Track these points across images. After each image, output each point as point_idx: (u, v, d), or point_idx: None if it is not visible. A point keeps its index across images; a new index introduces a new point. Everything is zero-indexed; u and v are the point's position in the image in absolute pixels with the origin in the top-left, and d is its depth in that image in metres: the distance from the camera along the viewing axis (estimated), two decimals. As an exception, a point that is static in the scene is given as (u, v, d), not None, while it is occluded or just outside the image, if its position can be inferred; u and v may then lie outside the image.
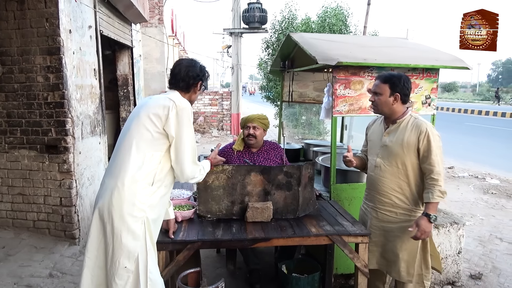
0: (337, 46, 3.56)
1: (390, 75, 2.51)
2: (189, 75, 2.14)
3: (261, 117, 3.42)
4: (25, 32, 3.72)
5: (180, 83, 2.14)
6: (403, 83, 2.45)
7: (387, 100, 2.47)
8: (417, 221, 2.40)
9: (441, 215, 3.81)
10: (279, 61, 4.69)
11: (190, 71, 2.14)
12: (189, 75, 2.13)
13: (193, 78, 2.15)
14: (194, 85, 2.17)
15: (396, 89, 2.44)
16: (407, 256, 2.55)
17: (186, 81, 2.14)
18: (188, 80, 2.14)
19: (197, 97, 2.28)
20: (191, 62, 2.21)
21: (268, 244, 2.46)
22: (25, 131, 3.90)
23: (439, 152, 2.40)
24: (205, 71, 2.23)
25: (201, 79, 2.19)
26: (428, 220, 2.37)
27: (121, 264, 1.95)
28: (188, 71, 2.14)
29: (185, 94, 2.17)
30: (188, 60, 2.24)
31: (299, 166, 2.70)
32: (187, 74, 2.13)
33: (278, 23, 11.07)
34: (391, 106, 2.48)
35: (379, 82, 2.50)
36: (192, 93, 2.20)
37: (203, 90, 2.28)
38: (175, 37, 18.02)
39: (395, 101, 2.47)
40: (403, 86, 2.45)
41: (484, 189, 6.98)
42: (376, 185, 2.62)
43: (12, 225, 4.10)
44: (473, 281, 3.76)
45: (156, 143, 2.03)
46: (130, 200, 1.96)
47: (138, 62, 7.26)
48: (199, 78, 2.17)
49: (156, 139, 2.03)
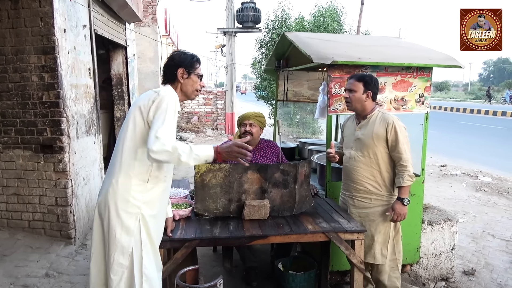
0: (332, 45, 3.59)
1: (363, 74, 2.84)
2: (168, 64, 2.14)
3: (257, 114, 3.44)
4: (19, 32, 3.70)
5: (165, 76, 2.16)
6: (374, 83, 2.77)
7: (361, 97, 2.76)
8: (393, 205, 2.74)
9: (434, 212, 3.87)
10: (274, 60, 4.71)
11: (168, 61, 2.15)
12: (168, 65, 2.14)
13: (172, 67, 2.12)
14: (175, 74, 2.12)
15: (368, 87, 2.74)
16: (381, 239, 2.84)
17: (167, 72, 2.14)
18: (168, 70, 2.14)
19: (191, 87, 2.16)
20: (172, 54, 2.21)
21: (266, 241, 2.48)
22: (19, 131, 3.87)
23: (405, 141, 2.70)
24: (186, 57, 2.15)
25: (179, 65, 2.12)
26: (402, 203, 2.70)
27: (116, 259, 1.96)
28: (167, 62, 2.15)
29: (176, 86, 2.14)
30: (172, 53, 2.24)
31: (296, 164, 2.73)
32: (166, 65, 2.14)
33: (271, 23, 11.08)
34: (363, 102, 2.77)
35: (353, 80, 2.79)
36: (178, 83, 2.13)
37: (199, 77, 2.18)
38: (168, 36, 17.95)
39: (367, 98, 2.76)
40: (374, 85, 2.77)
41: (477, 187, 7.07)
42: (351, 174, 2.89)
43: (7, 225, 4.08)
44: (466, 277, 3.82)
45: (146, 137, 1.95)
46: (124, 197, 1.97)
47: (132, 62, 7.25)
48: (177, 66, 2.12)
49: (145, 133, 1.97)
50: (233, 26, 12.95)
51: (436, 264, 3.72)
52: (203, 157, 1.97)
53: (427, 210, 3.84)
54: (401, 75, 3.26)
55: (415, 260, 3.52)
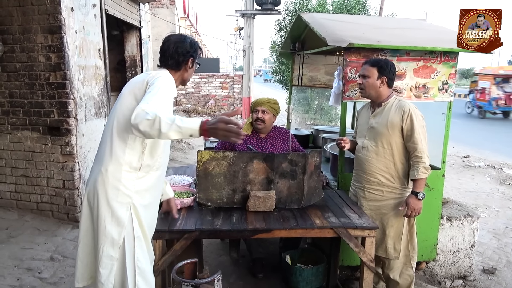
0: (350, 27, 3.36)
1: (377, 59, 2.65)
2: (178, 51, 1.96)
3: (271, 101, 3.25)
4: (26, 10, 3.60)
5: (169, 61, 1.98)
6: (389, 68, 2.59)
7: (375, 83, 2.59)
8: (407, 200, 2.56)
9: (454, 207, 3.65)
10: (289, 43, 4.49)
11: (179, 47, 1.96)
12: (178, 51, 1.96)
13: (182, 55, 1.97)
14: (185, 62, 1.99)
15: (383, 73, 2.57)
16: (393, 233, 2.69)
17: (176, 58, 1.97)
18: (178, 57, 1.97)
19: (190, 75, 2.08)
20: (180, 37, 2.02)
21: (269, 235, 2.34)
22: (27, 112, 3.83)
23: (422, 131, 2.53)
24: (196, 45, 2.03)
25: (191, 55, 2.00)
26: (416, 198, 2.52)
27: (105, 252, 1.84)
28: (177, 47, 1.96)
29: (176, 73, 2.00)
30: (177, 35, 2.05)
31: (305, 154, 2.56)
32: (176, 50, 1.96)
33: (292, 5, 10.77)
34: (378, 88, 2.60)
35: (367, 65, 2.63)
36: (184, 71, 2.02)
37: (197, 67, 2.09)
38: (187, 18, 17.74)
39: (382, 84, 2.59)
40: (390, 70, 2.58)
41: (501, 180, 6.74)
42: (363, 165, 2.74)
43: (16, 206, 4.08)
44: (486, 276, 3.62)
45: None
46: (114, 186, 1.84)
47: (146, 43, 7.13)
48: (189, 55, 1.99)
49: None
50: (252, 8, 12.63)
51: (453, 261, 3.52)
52: (186, 130, 1.65)
53: (446, 205, 3.63)
54: (424, 60, 3.01)
55: (431, 257, 3.33)
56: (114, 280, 1.88)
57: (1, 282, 2.96)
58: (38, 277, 3.07)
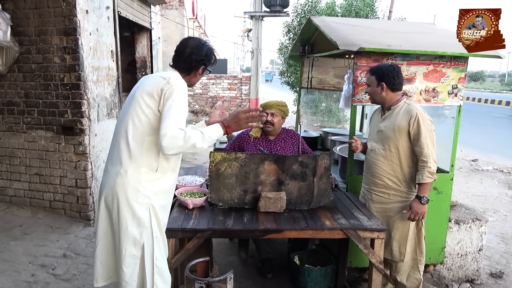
0: (360, 30, 3.39)
1: (377, 67, 2.70)
2: (192, 58, 2.00)
3: (280, 104, 3.30)
4: (42, 12, 3.69)
5: (182, 64, 2.02)
6: (388, 73, 2.60)
7: (375, 90, 2.66)
8: (410, 204, 2.61)
9: (463, 210, 3.67)
10: (299, 46, 4.53)
11: (194, 53, 2.00)
12: (192, 57, 2.00)
13: (196, 62, 2.01)
14: (196, 69, 2.04)
15: (381, 79, 2.61)
16: (398, 236, 2.73)
17: (188, 63, 2.01)
18: (191, 62, 2.01)
19: (198, 80, 2.13)
20: (198, 44, 2.05)
21: (280, 235, 2.38)
22: (42, 112, 3.91)
23: (429, 135, 2.54)
24: (212, 55, 2.07)
25: (204, 63, 2.05)
26: (420, 202, 2.55)
27: (128, 251, 1.91)
28: (192, 53, 2.00)
29: (185, 76, 2.04)
30: (196, 41, 2.08)
31: (315, 156, 2.60)
32: (190, 56, 2.00)
33: (300, 7, 10.78)
34: (380, 95, 2.66)
35: (368, 74, 2.71)
36: (193, 76, 2.07)
37: (207, 74, 2.14)
38: (195, 19, 17.87)
39: (382, 90, 2.64)
40: (388, 75, 2.60)
41: (509, 184, 6.72)
42: (371, 167, 2.79)
43: (30, 204, 4.16)
44: (493, 280, 3.62)
45: (154, 125, 1.89)
46: (134, 187, 1.90)
47: (156, 45, 7.21)
48: (202, 63, 2.04)
49: (153, 121, 1.89)
50: (261, 10, 12.67)
51: (461, 265, 3.54)
52: (215, 137, 1.96)
53: (454, 208, 3.64)
54: (434, 64, 3.04)
55: (439, 260, 3.35)
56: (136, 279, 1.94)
57: (16, 277, 3.03)
58: (52, 274, 3.14)
